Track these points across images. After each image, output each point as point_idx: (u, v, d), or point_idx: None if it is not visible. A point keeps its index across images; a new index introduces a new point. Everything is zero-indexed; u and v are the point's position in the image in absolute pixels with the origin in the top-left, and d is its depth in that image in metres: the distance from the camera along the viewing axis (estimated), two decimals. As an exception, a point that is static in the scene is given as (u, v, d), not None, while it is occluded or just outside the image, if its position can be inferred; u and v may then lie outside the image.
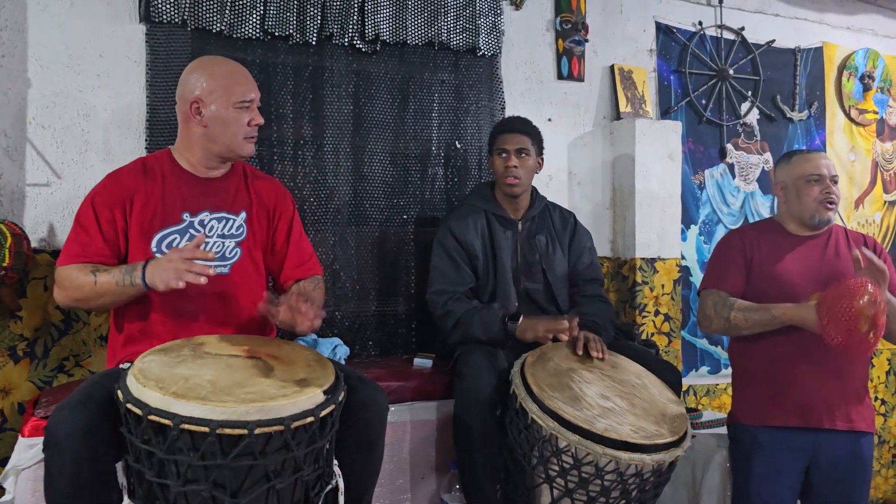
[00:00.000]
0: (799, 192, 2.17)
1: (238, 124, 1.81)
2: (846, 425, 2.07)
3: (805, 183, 2.16)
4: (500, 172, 2.36)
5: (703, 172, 3.35)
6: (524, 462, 1.90)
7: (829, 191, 2.14)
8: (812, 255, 2.16)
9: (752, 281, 2.17)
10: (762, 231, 2.26)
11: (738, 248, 2.21)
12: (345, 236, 2.59)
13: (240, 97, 1.80)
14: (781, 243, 2.19)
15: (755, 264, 2.18)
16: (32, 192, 2.20)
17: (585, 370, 2.01)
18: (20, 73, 2.19)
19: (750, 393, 2.18)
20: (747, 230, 2.35)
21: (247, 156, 1.89)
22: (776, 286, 2.11)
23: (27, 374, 2.17)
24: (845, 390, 2.08)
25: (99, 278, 1.68)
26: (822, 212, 2.15)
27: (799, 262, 2.15)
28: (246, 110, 1.82)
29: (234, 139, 1.82)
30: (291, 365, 1.55)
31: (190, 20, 2.33)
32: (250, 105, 1.82)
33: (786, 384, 2.09)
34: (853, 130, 3.75)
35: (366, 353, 2.61)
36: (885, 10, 3.85)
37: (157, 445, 1.35)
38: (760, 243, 2.20)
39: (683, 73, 3.28)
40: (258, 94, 1.86)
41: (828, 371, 2.05)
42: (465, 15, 2.75)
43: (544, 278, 2.37)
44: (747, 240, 2.22)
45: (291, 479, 1.43)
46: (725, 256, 2.24)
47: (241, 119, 1.81)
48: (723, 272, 2.21)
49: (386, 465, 1.87)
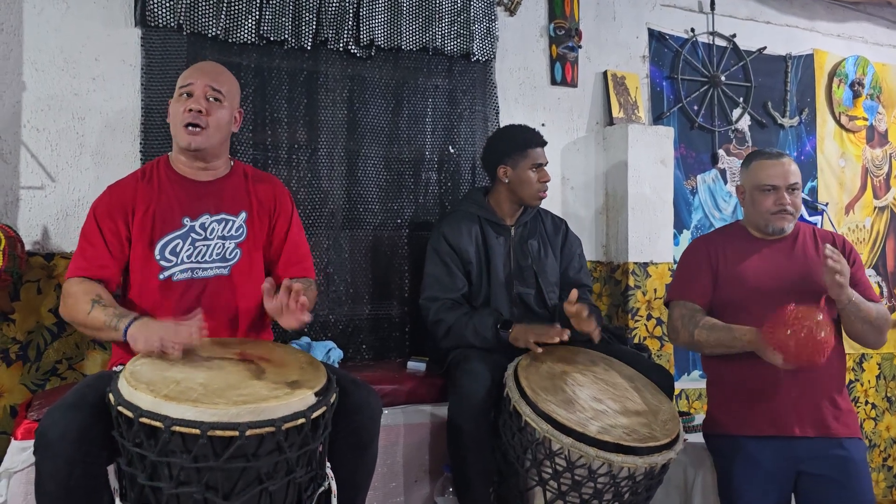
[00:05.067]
0: (754, 200, 2.15)
1: (177, 111, 1.81)
2: (818, 431, 2.03)
3: (759, 192, 2.13)
4: (535, 187, 2.35)
5: (696, 178, 3.37)
6: (517, 465, 1.90)
7: (782, 202, 2.09)
8: (779, 258, 2.13)
9: (719, 287, 2.14)
10: (728, 236, 2.24)
11: (704, 256, 2.18)
12: (339, 240, 2.60)
13: (179, 85, 1.82)
14: (747, 247, 2.17)
15: (721, 270, 2.15)
16: (27, 195, 2.20)
17: (579, 373, 2.02)
18: (15, 75, 2.19)
19: (723, 403, 2.15)
20: (713, 236, 2.33)
21: (183, 146, 1.82)
22: (743, 291, 2.09)
23: (20, 376, 2.17)
24: (816, 397, 2.04)
25: (93, 311, 1.66)
26: (775, 222, 2.12)
27: (766, 266, 2.12)
28: (184, 97, 1.81)
29: (176, 129, 1.82)
30: (283, 367, 1.55)
31: (185, 24, 2.34)
32: (190, 90, 1.80)
33: (757, 393, 2.05)
34: (843, 137, 3.78)
35: (359, 357, 2.61)
36: (874, 18, 3.89)
37: (149, 448, 1.35)
38: (726, 248, 2.17)
39: (676, 79, 3.31)
40: (204, 81, 1.81)
41: (796, 379, 2.00)
42: (459, 20, 2.77)
43: (536, 283, 2.38)
44: (713, 246, 2.20)
45: (284, 482, 1.43)
46: (691, 265, 2.22)
47: (179, 107, 1.81)
48: (689, 281, 2.18)
49: (379, 468, 1.87)
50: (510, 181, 2.37)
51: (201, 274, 1.81)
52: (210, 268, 1.82)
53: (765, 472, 2.04)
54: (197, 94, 1.80)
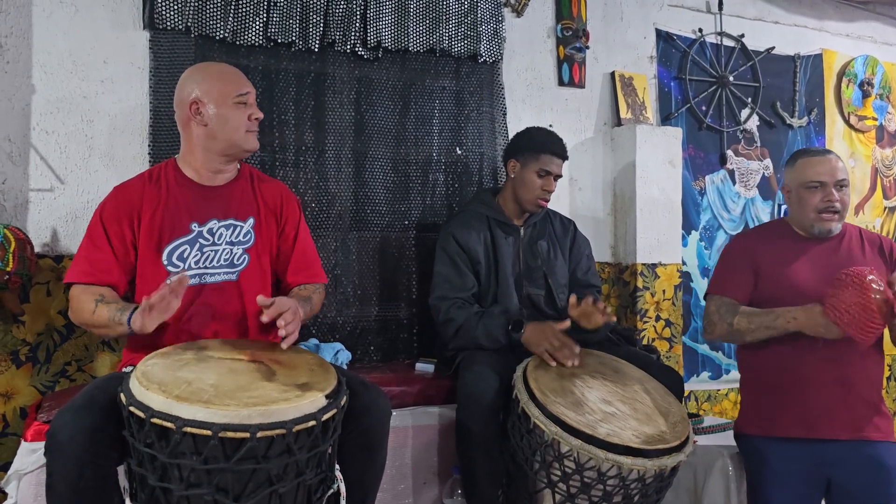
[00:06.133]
0: (800, 198, 2.08)
1: (238, 119, 1.83)
2: (851, 434, 1.98)
3: (806, 190, 2.06)
4: (535, 192, 2.34)
5: (704, 178, 3.36)
6: (526, 467, 1.89)
7: (830, 198, 2.02)
8: (823, 258, 2.07)
9: (760, 286, 2.10)
10: (771, 234, 2.18)
11: (744, 253, 2.14)
12: (346, 242, 2.60)
13: (236, 92, 1.83)
14: (791, 247, 2.11)
15: (763, 268, 2.10)
16: (36, 198, 2.21)
17: (588, 375, 2.01)
18: (24, 78, 2.20)
19: (756, 403, 2.12)
20: (753, 234, 2.30)
21: (251, 149, 1.89)
22: (786, 291, 2.03)
23: (29, 378, 2.17)
24: (852, 399, 1.99)
25: (98, 309, 1.67)
26: (821, 222, 2.05)
27: (810, 266, 2.06)
28: (244, 105, 1.84)
29: (236, 133, 1.83)
30: (294, 369, 1.55)
31: (193, 27, 2.35)
32: (247, 99, 1.84)
33: (790, 394, 2.02)
34: (853, 137, 3.77)
35: (367, 358, 2.61)
36: (883, 18, 3.87)
37: (160, 449, 1.35)
38: (768, 247, 2.12)
39: (684, 79, 3.30)
40: (252, 89, 1.87)
41: (833, 380, 1.97)
42: (466, 22, 2.77)
43: (546, 283, 2.37)
44: (753, 244, 2.16)
45: (294, 484, 1.43)
46: (730, 261, 2.18)
47: (241, 113, 1.83)
48: (728, 276, 2.14)
49: (388, 470, 1.86)
50: (515, 178, 2.38)
51: (209, 279, 1.81)
52: (218, 273, 1.82)
53: (794, 474, 2.00)
54: (251, 101, 1.86)
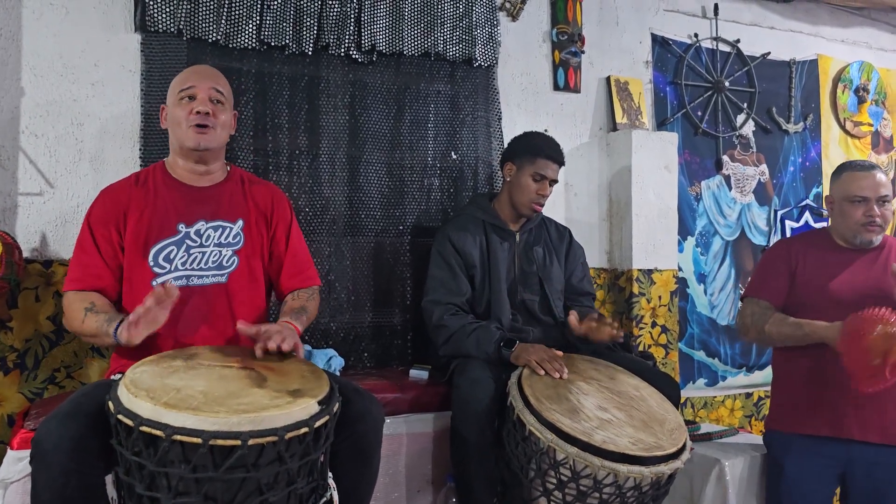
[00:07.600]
0: (843, 211, 2.16)
1: (179, 115, 1.81)
2: (880, 438, 2.04)
3: (849, 204, 2.14)
4: (530, 196, 2.33)
5: (700, 184, 3.35)
6: (521, 475, 1.87)
7: (872, 214, 2.11)
8: (860, 269, 2.15)
9: (796, 291, 2.17)
10: (812, 242, 2.25)
11: (784, 258, 2.22)
12: (340, 247, 2.58)
13: (178, 89, 1.82)
14: (830, 256, 2.19)
15: (800, 275, 2.18)
16: (25, 202, 2.18)
17: (583, 382, 1.99)
18: (13, 81, 2.18)
19: (786, 400, 2.20)
20: (795, 240, 2.35)
21: (194, 147, 1.80)
22: (821, 299, 2.10)
23: (17, 385, 2.14)
24: (882, 403, 2.03)
25: (87, 319, 1.68)
26: (863, 234, 2.13)
27: (847, 276, 2.13)
28: (187, 100, 1.81)
29: (179, 129, 1.81)
30: (285, 376, 1.53)
31: (186, 30, 2.33)
32: (191, 93, 1.80)
33: (820, 394, 2.09)
34: (848, 142, 3.77)
35: (361, 365, 2.58)
36: (879, 24, 3.88)
37: (148, 457, 1.32)
38: (808, 254, 2.20)
39: (679, 84, 3.29)
40: (207, 83, 1.82)
41: None
42: (461, 26, 2.75)
43: (542, 290, 2.36)
44: (794, 250, 2.23)
45: (285, 493, 1.40)
46: (770, 265, 2.26)
47: (182, 109, 1.80)
48: (765, 280, 2.23)
49: (381, 478, 1.84)
50: (511, 181, 2.37)
51: (197, 282, 1.79)
52: (206, 275, 1.80)
53: (814, 470, 2.07)
54: (201, 96, 1.80)
